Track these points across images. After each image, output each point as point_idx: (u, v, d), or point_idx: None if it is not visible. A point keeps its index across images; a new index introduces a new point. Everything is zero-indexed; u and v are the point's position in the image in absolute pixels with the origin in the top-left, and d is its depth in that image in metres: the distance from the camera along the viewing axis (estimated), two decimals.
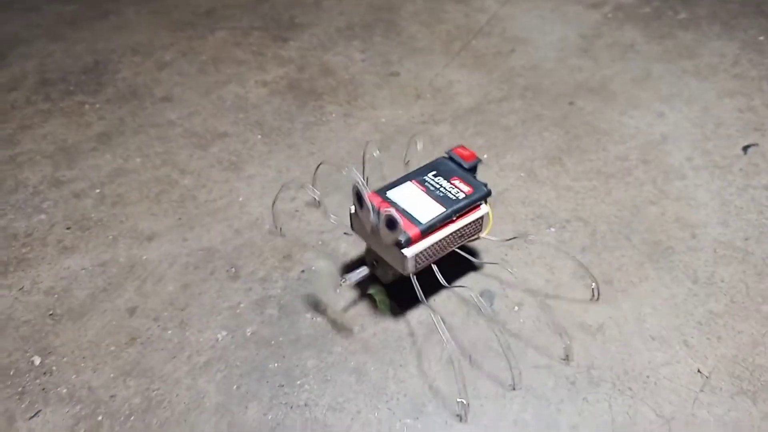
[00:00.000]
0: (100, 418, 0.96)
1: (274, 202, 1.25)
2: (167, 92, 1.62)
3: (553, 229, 1.24)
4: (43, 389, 1.00)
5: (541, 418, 0.95)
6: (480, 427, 0.94)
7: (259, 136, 1.48)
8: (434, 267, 1.05)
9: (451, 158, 1.15)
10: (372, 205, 1.00)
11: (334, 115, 1.55)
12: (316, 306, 1.11)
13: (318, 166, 1.22)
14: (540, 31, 1.84)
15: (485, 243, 1.20)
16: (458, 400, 0.96)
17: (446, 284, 1.04)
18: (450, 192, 1.06)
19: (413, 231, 0.98)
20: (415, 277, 1.02)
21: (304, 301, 1.12)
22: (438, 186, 1.07)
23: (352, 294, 1.13)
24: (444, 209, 1.02)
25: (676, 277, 1.15)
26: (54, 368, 1.03)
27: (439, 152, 1.41)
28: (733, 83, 1.62)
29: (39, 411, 0.98)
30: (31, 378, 1.02)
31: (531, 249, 1.20)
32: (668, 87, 1.62)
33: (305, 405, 0.97)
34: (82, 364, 1.03)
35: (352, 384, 1.00)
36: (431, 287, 1.08)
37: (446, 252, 1.06)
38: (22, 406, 0.98)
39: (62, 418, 0.97)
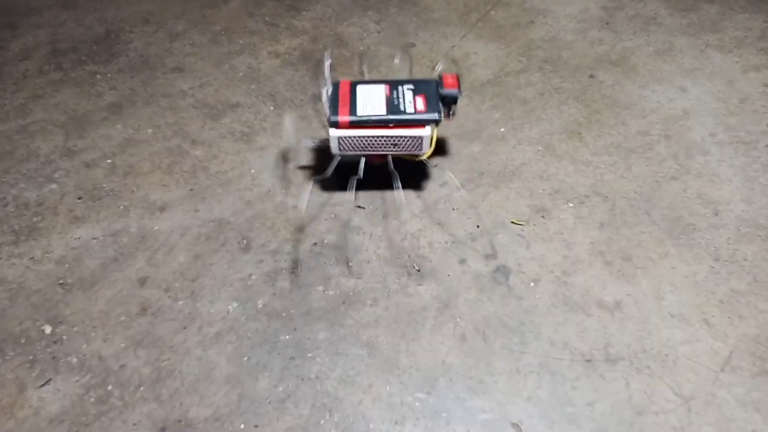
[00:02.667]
0: (109, 387, 0.96)
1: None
2: (179, 62, 1.60)
3: (571, 205, 1.21)
4: (54, 358, 1.00)
5: (556, 395, 0.93)
6: (493, 403, 0.93)
7: (272, 107, 1.46)
8: (362, 161, 1.16)
9: (437, 82, 1.17)
10: (326, 79, 1.18)
11: None
12: (328, 279, 1.10)
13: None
14: (560, 3, 1.79)
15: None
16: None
17: (361, 175, 1.16)
18: (404, 104, 1.12)
19: (344, 118, 1.10)
20: (363, 161, 1.16)
21: (316, 274, 1.11)
22: (401, 96, 1.13)
23: (361, 267, 1.11)
24: (384, 114, 1.10)
25: (697, 254, 1.12)
26: (64, 337, 1.02)
27: (455, 125, 1.38)
28: (759, 57, 1.57)
29: (49, 379, 0.97)
30: (42, 347, 1.01)
31: (549, 224, 1.18)
32: (691, 61, 1.57)
33: (316, 377, 0.96)
34: (93, 334, 1.03)
35: (364, 357, 0.98)
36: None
37: (378, 152, 1.15)
38: (33, 374, 0.98)
39: (72, 386, 0.96)
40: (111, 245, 1.16)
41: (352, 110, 1.11)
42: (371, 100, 1.13)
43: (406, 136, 1.11)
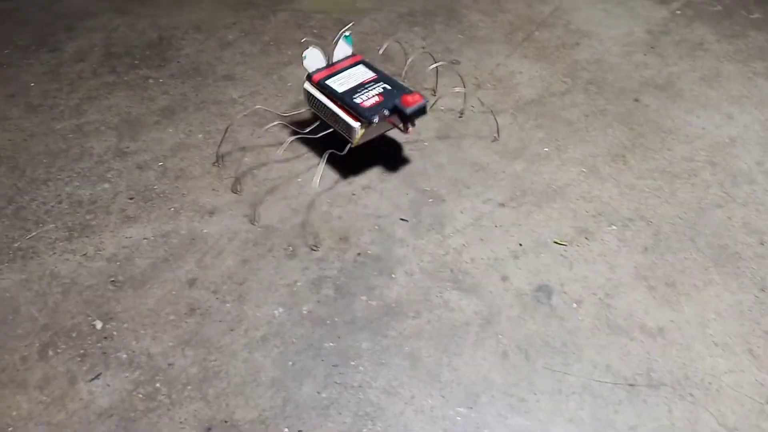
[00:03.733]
0: (158, 384, 0.99)
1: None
2: (229, 71, 1.64)
3: (614, 227, 1.22)
4: (104, 353, 1.03)
5: (598, 417, 0.93)
6: (535, 422, 0.93)
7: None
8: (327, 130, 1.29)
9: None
10: (335, 45, 1.34)
11: None
12: (371, 290, 1.11)
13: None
14: (605, 25, 1.80)
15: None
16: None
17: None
18: (363, 95, 1.25)
19: (318, 76, 1.30)
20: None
21: (359, 283, 1.12)
22: (369, 88, 1.27)
23: (404, 279, 1.13)
24: (340, 92, 1.26)
25: (742, 283, 1.12)
26: (115, 333, 1.05)
27: (498, 144, 1.39)
28: None
29: (99, 374, 1.00)
30: (93, 341, 1.04)
31: (592, 246, 1.18)
32: (738, 88, 1.57)
33: (359, 386, 0.97)
34: (142, 331, 1.05)
35: (406, 369, 1.00)
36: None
37: (327, 121, 1.30)
38: (84, 368, 1.01)
39: (121, 382, 0.99)
40: (161, 246, 1.19)
41: (329, 76, 1.30)
42: (350, 78, 1.29)
43: (342, 119, 1.26)
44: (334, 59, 1.37)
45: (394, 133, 1.41)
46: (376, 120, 1.22)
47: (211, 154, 1.39)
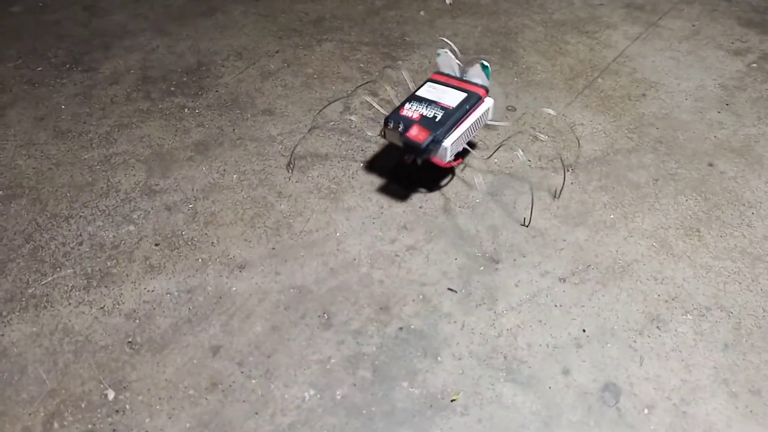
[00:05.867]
0: None
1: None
2: (270, 104, 1.54)
3: (690, 317, 1.08)
4: (114, 430, 0.92)
5: None
6: None
7: (361, 164, 1.38)
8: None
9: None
10: (470, 65, 1.34)
11: None
12: (414, 374, 0.99)
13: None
14: (674, 76, 1.66)
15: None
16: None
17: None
18: (421, 107, 1.26)
19: (435, 76, 1.36)
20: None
21: (400, 365, 1.00)
22: (438, 109, 1.25)
23: (452, 364, 1.00)
24: (416, 94, 1.30)
25: None
26: (127, 407, 0.95)
27: (558, 206, 1.26)
28: None
29: None
30: (103, 415, 0.94)
31: (665, 338, 1.04)
32: None
33: None
34: (158, 407, 0.95)
35: None
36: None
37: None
38: None
39: None
40: (185, 303, 1.09)
41: (438, 81, 1.33)
42: (441, 93, 1.29)
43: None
44: (465, 76, 1.34)
45: (442, 185, 1.30)
46: (390, 125, 1.24)
47: (245, 198, 1.29)
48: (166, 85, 1.62)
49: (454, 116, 1.24)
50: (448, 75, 1.36)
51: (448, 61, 1.36)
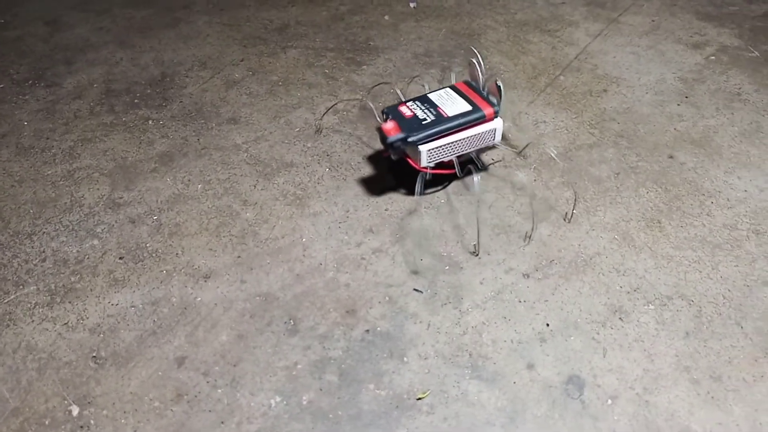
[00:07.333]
0: None
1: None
2: (234, 113, 1.54)
3: (652, 307, 1.10)
4: None
5: None
6: None
7: (327, 169, 1.38)
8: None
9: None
10: (487, 81, 1.30)
11: None
12: (380, 376, 1.00)
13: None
14: (635, 71, 1.69)
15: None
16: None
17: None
18: (419, 107, 1.26)
19: (457, 83, 1.33)
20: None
21: (366, 368, 1.01)
22: (432, 111, 1.24)
23: (418, 364, 1.01)
24: (423, 94, 1.30)
25: None
26: (92, 422, 0.94)
27: (521, 203, 1.27)
28: None
29: None
30: (67, 431, 0.93)
31: (628, 329, 1.06)
32: None
33: None
34: (123, 420, 0.94)
35: None
36: None
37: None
38: None
39: None
40: (150, 315, 1.09)
41: (454, 88, 1.31)
42: (446, 100, 1.28)
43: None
44: (485, 93, 1.30)
45: (409, 188, 1.31)
46: (384, 115, 1.26)
47: (210, 208, 1.29)
48: (129, 97, 1.61)
49: (443, 125, 1.21)
50: (471, 86, 1.32)
51: (474, 72, 1.32)
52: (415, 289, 1.13)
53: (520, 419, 0.94)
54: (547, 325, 1.07)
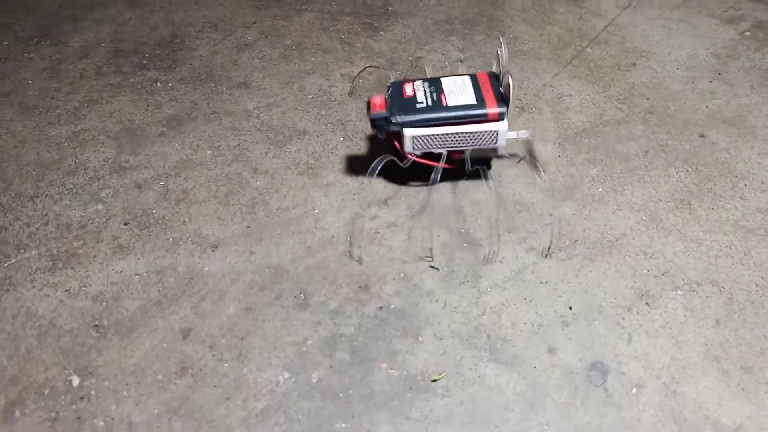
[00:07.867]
0: None
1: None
2: (245, 77, 1.48)
3: (680, 292, 1.04)
4: (78, 418, 0.88)
5: None
6: None
7: (342, 138, 1.32)
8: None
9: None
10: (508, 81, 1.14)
11: None
12: (393, 355, 0.95)
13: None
14: (665, 45, 1.61)
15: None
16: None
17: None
18: (420, 88, 1.16)
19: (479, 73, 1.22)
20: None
21: (379, 346, 0.96)
22: (433, 90, 1.16)
23: (433, 344, 0.96)
24: (431, 77, 1.21)
25: None
26: (93, 393, 0.90)
27: (544, 180, 1.21)
28: None
29: None
30: (67, 402, 0.89)
31: (654, 314, 1.01)
32: None
33: None
34: (125, 393, 0.90)
35: None
36: None
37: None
38: None
39: None
40: (155, 284, 1.04)
41: (470, 76, 1.21)
42: (454, 85, 1.17)
43: None
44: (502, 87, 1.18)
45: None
46: (387, 89, 1.17)
47: (219, 175, 1.24)
48: (138, 58, 1.55)
49: (435, 113, 1.12)
50: (490, 78, 1.20)
51: (497, 62, 1.22)
52: (431, 266, 1.08)
53: (540, 406, 0.89)
54: (570, 308, 1.02)
